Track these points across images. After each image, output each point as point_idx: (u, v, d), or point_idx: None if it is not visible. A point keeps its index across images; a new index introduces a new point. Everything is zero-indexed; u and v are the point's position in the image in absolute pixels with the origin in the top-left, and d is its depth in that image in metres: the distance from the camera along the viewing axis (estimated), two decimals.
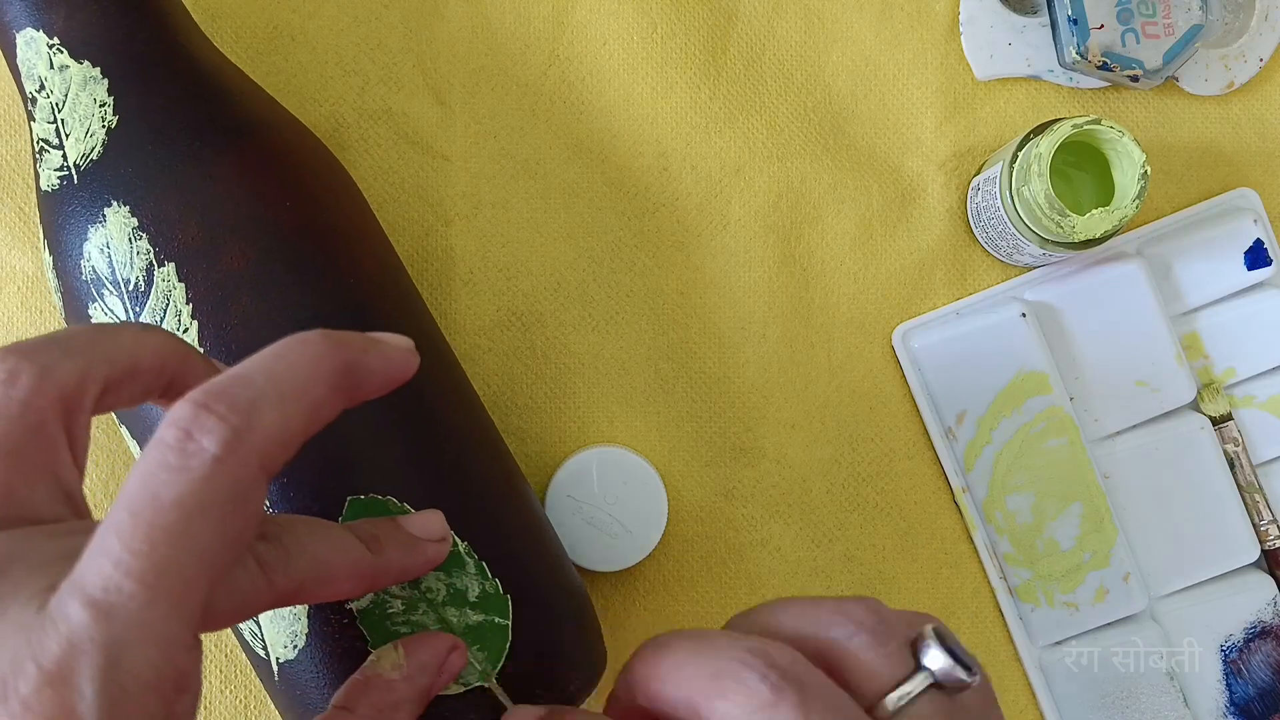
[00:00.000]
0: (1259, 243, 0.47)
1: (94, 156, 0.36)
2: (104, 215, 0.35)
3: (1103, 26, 0.46)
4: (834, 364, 0.48)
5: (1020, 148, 0.43)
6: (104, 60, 0.36)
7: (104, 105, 0.36)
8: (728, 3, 0.48)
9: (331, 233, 0.38)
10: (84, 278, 0.36)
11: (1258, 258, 0.47)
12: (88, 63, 0.36)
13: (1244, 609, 0.47)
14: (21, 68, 0.37)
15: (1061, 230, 0.43)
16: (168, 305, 0.35)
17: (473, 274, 0.46)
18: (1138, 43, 0.46)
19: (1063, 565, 0.46)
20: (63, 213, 0.36)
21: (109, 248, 0.35)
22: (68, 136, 0.36)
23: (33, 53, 0.37)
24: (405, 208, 0.46)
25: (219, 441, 0.24)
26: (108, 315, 0.36)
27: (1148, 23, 0.46)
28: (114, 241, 0.35)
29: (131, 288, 0.35)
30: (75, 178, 0.36)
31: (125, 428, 0.38)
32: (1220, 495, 0.47)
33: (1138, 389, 0.47)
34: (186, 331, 0.35)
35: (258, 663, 0.37)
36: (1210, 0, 0.46)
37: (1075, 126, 0.43)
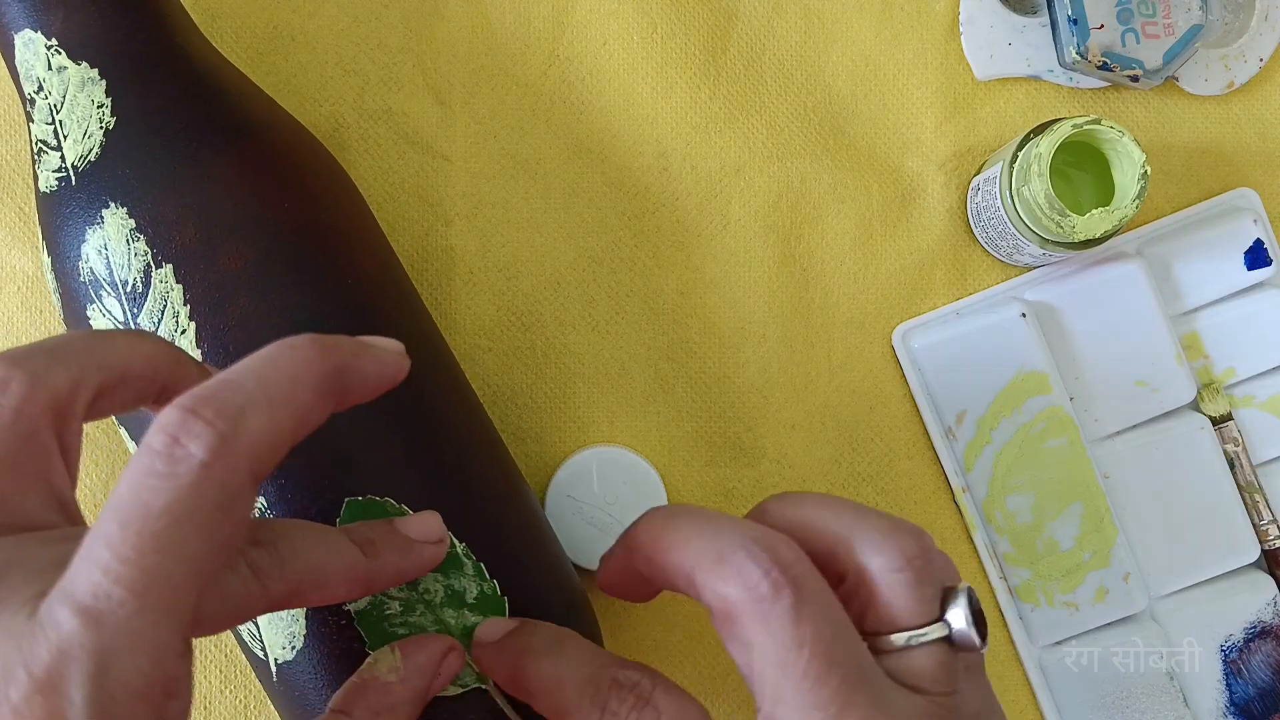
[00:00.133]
0: (1259, 243, 0.47)
1: (92, 158, 0.36)
2: (102, 217, 0.35)
3: (1103, 26, 0.46)
4: (834, 364, 0.48)
5: (1020, 148, 0.43)
6: (102, 61, 0.36)
7: (102, 106, 0.36)
8: (728, 3, 0.48)
9: (330, 233, 0.38)
10: (82, 279, 0.36)
11: (1258, 258, 0.47)
12: (85, 64, 0.36)
13: (1244, 609, 0.47)
14: (20, 69, 0.37)
15: (1061, 230, 0.43)
16: (165, 306, 0.35)
17: (473, 274, 0.46)
18: (1138, 43, 0.46)
19: (1063, 565, 0.46)
20: (61, 214, 0.36)
21: (107, 249, 0.35)
22: (65, 138, 0.36)
23: (31, 54, 0.37)
24: (405, 208, 0.46)
25: (206, 447, 0.24)
26: (105, 316, 0.36)
27: (1148, 23, 0.46)
28: (112, 243, 0.35)
29: (129, 289, 0.35)
30: (73, 179, 0.36)
31: (124, 429, 0.38)
32: (1220, 495, 0.47)
33: (1138, 389, 0.47)
34: (184, 333, 0.35)
35: (256, 664, 0.37)
36: (1210, 0, 0.46)
37: (1075, 126, 0.42)
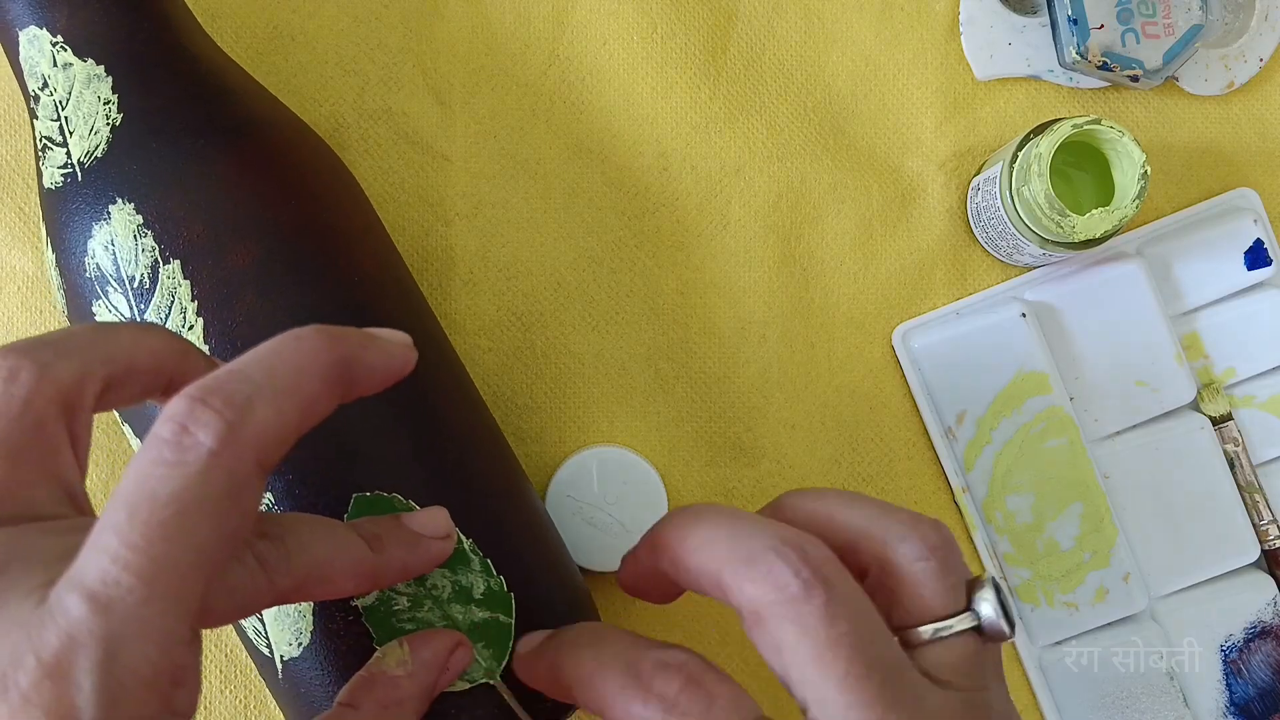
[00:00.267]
0: (1259, 243, 0.47)
1: (98, 154, 0.36)
2: (109, 212, 0.35)
3: (1103, 26, 0.46)
4: (834, 364, 0.48)
5: (1020, 148, 0.44)
6: (107, 58, 0.36)
7: (108, 103, 0.36)
8: (728, 3, 0.48)
9: (333, 232, 0.38)
10: (88, 275, 0.36)
11: (1258, 258, 0.47)
12: (91, 60, 0.36)
13: (1244, 609, 0.47)
14: (24, 65, 0.37)
15: (1061, 230, 0.43)
16: (172, 303, 0.35)
17: (473, 274, 0.46)
18: (1138, 43, 0.46)
19: (1063, 565, 0.46)
20: (67, 210, 0.36)
21: (114, 245, 0.35)
22: (71, 134, 0.36)
23: (36, 50, 0.36)
24: (405, 208, 0.46)
25: (215, 436, 0.25)
26: (112, 312, 0.36)
27: (1148, 23, 0.46)
28: (119, 238, 0.35)
29: (136, 285, 0.35)
30: (79, 175, 0.36)
31: (128, 425, 0.38)
32: (1220, 495, 0.47)
33: (1138, 389, 0.47)
34: (191, 329, 0.35)
35: (261, 661, 0.37)
36: (1210, 0, 0.47)
37: (1075, 126, 0.43)
